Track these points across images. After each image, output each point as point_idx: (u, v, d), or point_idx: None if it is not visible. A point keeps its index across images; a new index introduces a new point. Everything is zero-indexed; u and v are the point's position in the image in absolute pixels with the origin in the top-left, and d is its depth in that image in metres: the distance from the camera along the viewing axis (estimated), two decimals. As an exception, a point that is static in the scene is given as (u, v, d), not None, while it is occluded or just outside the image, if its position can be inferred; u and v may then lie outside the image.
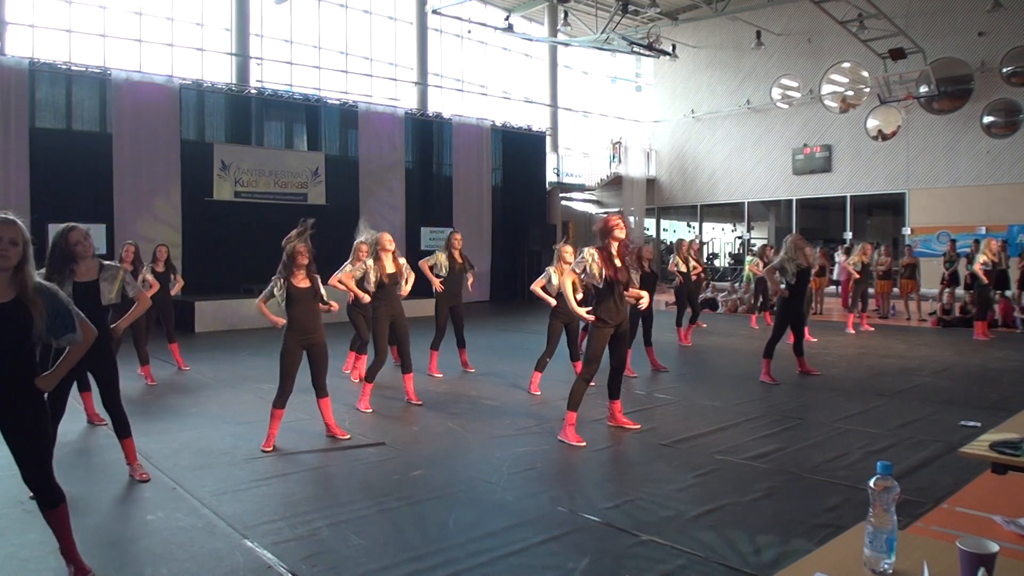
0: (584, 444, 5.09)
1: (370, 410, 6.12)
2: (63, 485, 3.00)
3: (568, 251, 6.80)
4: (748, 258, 18.75)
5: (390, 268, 6.32)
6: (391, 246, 6.37)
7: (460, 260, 8.03)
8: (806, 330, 10.39)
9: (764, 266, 11.75)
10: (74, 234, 4.14)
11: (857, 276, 11.74)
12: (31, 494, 3.80)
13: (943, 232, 17.07)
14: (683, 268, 10.11)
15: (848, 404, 6.39)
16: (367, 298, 6.33)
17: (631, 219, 22.65)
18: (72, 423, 5.30)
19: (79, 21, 14.17)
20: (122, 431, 4.39)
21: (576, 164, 22.73)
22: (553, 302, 6.85)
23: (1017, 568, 1.64)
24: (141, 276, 7.26)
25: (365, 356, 7.50)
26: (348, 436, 5.34)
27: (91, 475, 4.49)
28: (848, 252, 15.40)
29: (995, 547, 1.51)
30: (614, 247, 5.18)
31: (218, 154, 14.36)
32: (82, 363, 4.31)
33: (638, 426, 5.57)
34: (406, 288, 6.53)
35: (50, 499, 2.94)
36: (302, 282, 5.05)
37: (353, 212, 16.16)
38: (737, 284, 17.47)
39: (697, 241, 15.59)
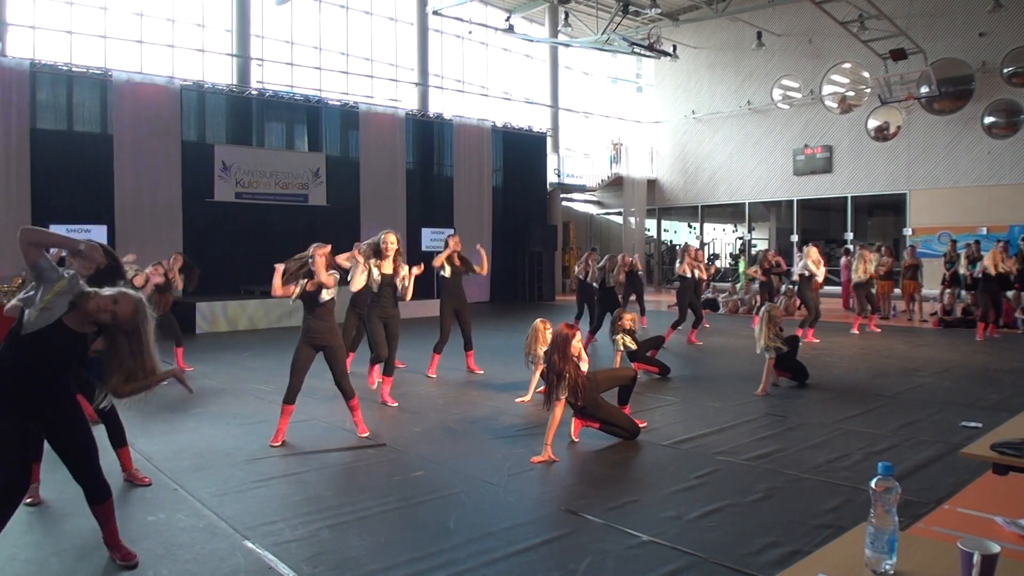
0: (598, 424, 5.19)
1: (395, 404, 6.32)
2: (63, 484, 3.02)
3: None
4: (742, 262, 19.00)
5: (387, 269, 6.37)
6: (391, 250, 6.39)
7: (459, 263, 8.05)
8: (810, 332, 10.49)
9: (763, 271, 12.13)
10: None
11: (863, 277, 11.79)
12: (30, 499, 3.76)
13: (944, 232, 17.06)
14: (689, 274, 10.51)
15: (849, 405, 6.38)
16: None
17: (631, 220, 22.67)
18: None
19: (80, 22, 14.19)
20: (118, 440, 4.26)
21: (577, 165, 22.73)
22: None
23: (1018, 569, 1.64)
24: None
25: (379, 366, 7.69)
26: (367, 433, 5.37)
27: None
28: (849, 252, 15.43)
29: (996, 548, 1.52)
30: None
31: (219, 155, 14.36)
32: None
33: (644, 424, 5.59)
34: (407, 295, 6.55)
35: (99, 495, 3.15)
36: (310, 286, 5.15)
37: (354, 213, 16.22)
38: (738, 285, 17.47)
39: (702, 252, 15.60)
